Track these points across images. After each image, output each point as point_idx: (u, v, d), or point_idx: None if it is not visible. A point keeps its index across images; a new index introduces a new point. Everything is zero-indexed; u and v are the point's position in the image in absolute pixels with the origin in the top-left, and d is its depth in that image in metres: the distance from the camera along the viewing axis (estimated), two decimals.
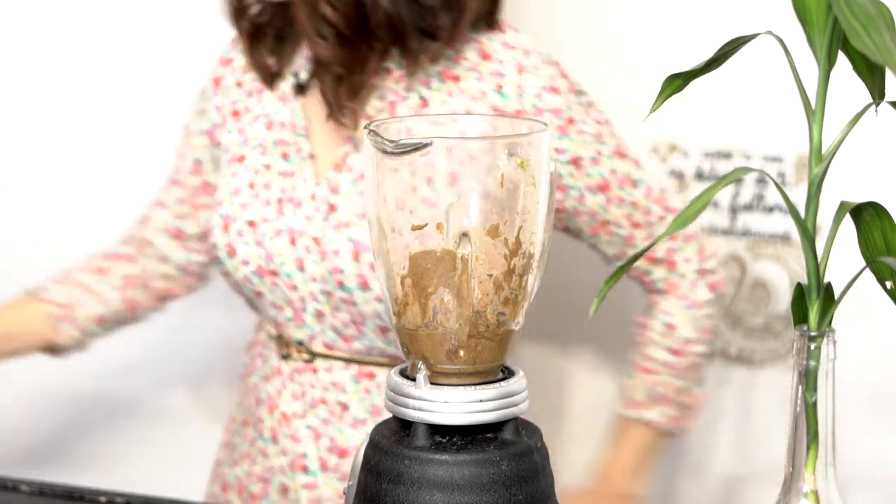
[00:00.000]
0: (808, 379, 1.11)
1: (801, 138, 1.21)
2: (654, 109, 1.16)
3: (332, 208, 1.57)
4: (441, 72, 1.59)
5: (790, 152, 1.86)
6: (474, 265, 1.18)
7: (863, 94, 1.12)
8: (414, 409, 1.17)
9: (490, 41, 1.61)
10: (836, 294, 1.12)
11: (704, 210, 1.25)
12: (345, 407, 1.65)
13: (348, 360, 1.64)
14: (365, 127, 1.21)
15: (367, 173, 1.22)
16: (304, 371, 1.66)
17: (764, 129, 1.70)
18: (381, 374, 1.64)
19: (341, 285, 1.59)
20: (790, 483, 1.13)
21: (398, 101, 1.59)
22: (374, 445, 1.19)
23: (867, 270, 1.11)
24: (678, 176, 1.94)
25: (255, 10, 1.62)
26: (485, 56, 1.60)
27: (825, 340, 1.10)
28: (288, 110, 1.63)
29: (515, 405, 1.19)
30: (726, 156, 1.91)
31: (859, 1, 0.98)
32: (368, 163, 1.21)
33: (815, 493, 1.12)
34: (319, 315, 1.63)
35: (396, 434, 1.19)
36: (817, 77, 1.09)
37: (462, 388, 1.18)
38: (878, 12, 0.98)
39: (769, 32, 1.14)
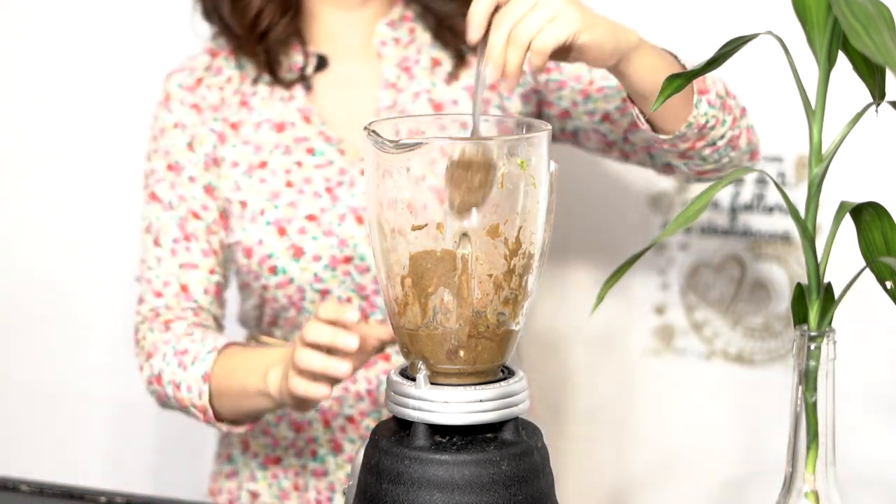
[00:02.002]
0: (808, 379, 1.11)
1: (801, 138, 1.21)
2: (654, 109, 1.17)
3: None
4: None
5: (790, 152, 1.86)
6: (474, 265, 1.18)
7: (863, 94, 1.12)
8: (414, 409, 1.17)
9: None
10: (836, 294, 1.12)
11: (704, 210, 1.25)
12: None
13: None
14: (365, 127, 1.21)
15: (368, 173, 1.22)
16: (371, 364, 1.60)
17: (764, 129, 1.69)
18: None
19: None
20: (790, 483, 1.13)
21: None
22: (374, 445, 1.19)
23: (867, 270, 1.11)
24: None
25: (268, 21, 1.59)
26: None
27: (825, 340, 1.10)
28: (292, 108, 1.61)
29: (515, 405, 1.19)
30: None
31: (859, 1, 0.98)
32: (368, 163, 1.21)
33: (815, 493, 1.12)
34: None
35: (396, 434, 1.19)
36: (817, 77, 1.09)
37: (462, 388, 1.18)
38: (878, 12, 0.98)
39: (769, 32, 1.14)
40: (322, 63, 1.63)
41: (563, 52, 1.29)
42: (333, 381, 1.36)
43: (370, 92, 1.62)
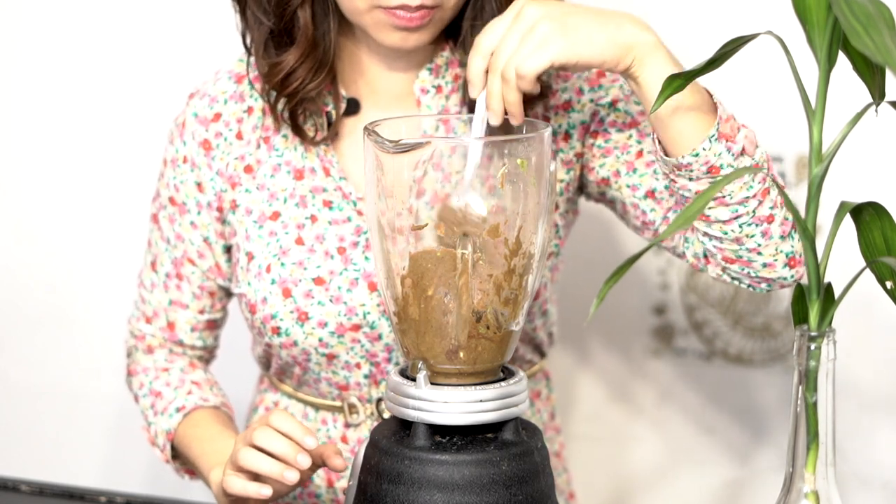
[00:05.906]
0: (808, 379, 1.11)
1: (801, 138, 1.21)
2: (654, 110, 1.17)
3: None
4: None
5: (790, 152, 1.86)
6: (474, 265, 1.18)
7: (863, 94, 1.12)
8: (414, 409, 1.17)
9: None
10: (837, 294, 1.12)
11: (704, 210, 1.25)
12: None
13: None
14: (365, 127, 1.21)
15: (368, 173, 1.22)
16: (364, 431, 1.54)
17: (764, 129, 1.69)
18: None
19: None
20: (790, 483, 1.13)
21: None
22: (374, 445, 1.19)
23: (867, 270, 1.11)
24: None
25: (298, 83, 1.46)
26: None
27: (825, 340, 1.10)
28: (313, 155, 1.50)
29: (515, 405, 1.19)
30: None
31: (859, 1, 0.98)
32: (369, 163, 1.21)
33: (815, 493, 1.12)
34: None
35: (396, 434, 1.19)
36: (817, 77, 1.09)
37: (462, 388, 1.18)
38: (878, 12, 0.98)
39: (769, 32, 1.14)
40: (353, 107, 1.50)
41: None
42: (275, 483, 1.31)
43: None
